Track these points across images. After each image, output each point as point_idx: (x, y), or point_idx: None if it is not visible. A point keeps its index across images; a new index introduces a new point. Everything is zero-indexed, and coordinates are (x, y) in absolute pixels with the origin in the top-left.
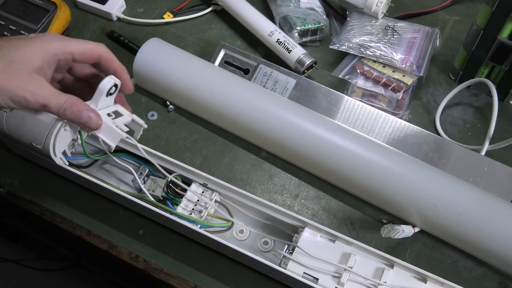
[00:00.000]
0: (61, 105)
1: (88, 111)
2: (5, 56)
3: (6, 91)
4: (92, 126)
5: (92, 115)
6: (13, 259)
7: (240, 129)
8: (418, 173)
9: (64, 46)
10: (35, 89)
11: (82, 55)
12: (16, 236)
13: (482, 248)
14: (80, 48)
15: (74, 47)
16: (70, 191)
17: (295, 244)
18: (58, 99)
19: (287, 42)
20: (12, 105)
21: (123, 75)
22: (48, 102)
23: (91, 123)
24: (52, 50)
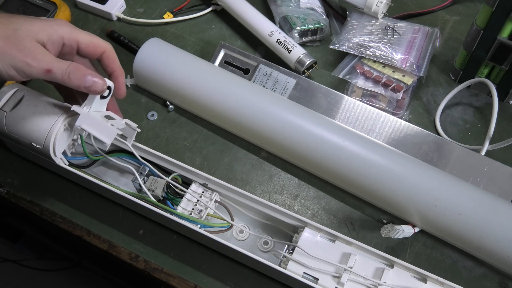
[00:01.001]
0: (64, 69)
1: (92, 76)
2: (11, 24)
3: (8, 56)
4: (97, 89)
5: (96, 79)
6: (13, 259)
7: (240, 129)
8: (418, 173)
9: (72, 33)
10: (38, 54)
11: (87, 46)
12: (16, 236)
13: (482, 248)
14: (86, 39)
15: (81, 37)
16: (70, 191)
17: (295, 244)
18: (61, 64)
19: (287, 42)
20: (13, 73)
21: (119, 77)
22: (52, 67)
23: (96, 87)
24: (60, 32)
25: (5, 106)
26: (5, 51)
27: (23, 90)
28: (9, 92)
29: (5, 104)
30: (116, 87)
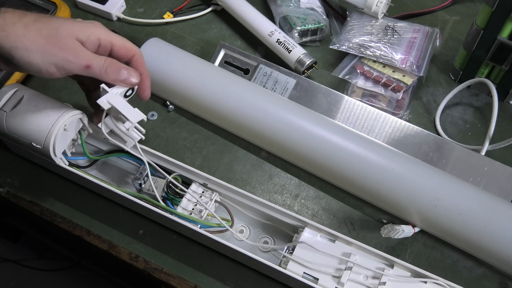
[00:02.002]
0: (102, 64)
1: (127, 69)
2: (52, 23)
3: (50, 54)
4: (132, 81)
5: (130, 71)
6: (13, 259)
7: (240, 129)
8: (418, 173)
9: (107, 35)
10: (78, 52)
11: (120, 49)
12: (16, 236)
13: (482, 248)
14: (120, 42)
15: (115, 39)
16: (70, 191)
17: (295, 244)
18: (99, 60)
19: (287, 42)
20: (53, 70)
21: (145, 80)
22: (91, 63)
23: (130, 79)
24: (97, 33)
25: (5, 106)
26: (47, 49)
27: (23, 90)
28: (9, 92)
29: (5, 104)
30: (142, 89)
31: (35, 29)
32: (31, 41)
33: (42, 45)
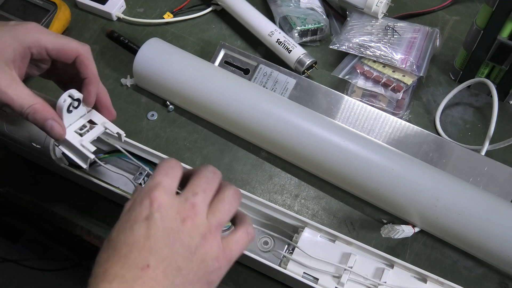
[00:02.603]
0: (24, 109)
1: (53, 120)
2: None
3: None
4: (55, 137)
5: (55, 125)
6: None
7: (240, 129)
8: (418, 173)
9: (39, 41)
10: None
11: (57, 52)
12: (16, 236)
13: (482, 248)
14: (55, 44)
15: (49, 42)
16: (70, 191)
17: (295, 244)
18: (22, 102)
19: (287, 42)
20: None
21: (88, 85)
22: (12, 103)
23: (53, 133)
24: (25, 42)
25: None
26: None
27: None
28: None
29: None
30: (85, 97)
31: None
32: None
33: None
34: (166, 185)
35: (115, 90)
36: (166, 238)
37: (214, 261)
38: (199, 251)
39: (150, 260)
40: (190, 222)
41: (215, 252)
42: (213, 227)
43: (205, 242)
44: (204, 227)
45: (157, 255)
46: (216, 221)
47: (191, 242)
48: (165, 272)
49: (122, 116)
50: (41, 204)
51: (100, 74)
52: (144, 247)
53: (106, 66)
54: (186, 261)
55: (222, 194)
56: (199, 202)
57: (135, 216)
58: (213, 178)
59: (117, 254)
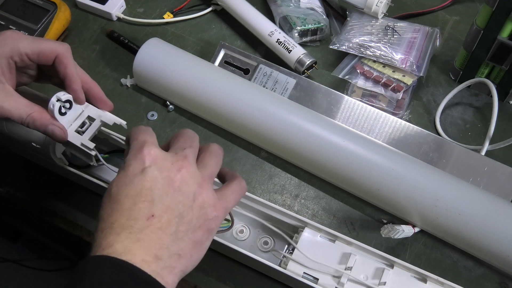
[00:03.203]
0: (24, 119)
1: (53, 125)
2: None
3: None
4: (58, 140)
5: (56, 129)
6: (13, 259)
7: (240, 129)
8: (418, 173)
9: (18, 48)
10: None
11: (37, 55)
12: (16, 236)
13: (482, 248)
14: (33, 48)
15: (27, 48)
16: (70, 191)
17: (295, 244)
18: (20, 112)
19: (287, 42)
20: None
21: (71, 84)
22: (11, 115)
23: (56, 137)
24: (5, 53)
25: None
26: None
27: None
28: None
29: None
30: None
31: None
32: None
33: None
34: (152, 141)
35: (115, 90)
36: (165, 187)
37: (212, 209)
38: (197, 199)
39: (154, 210)
40: (185, 171)
41: (212, 200)
42: (206, 177)
43: (202, 190)
44: (198, 177)
45: (160, 204)
46: (208, 172)
47: (189, 190)
48: (169, 220)
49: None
50: (41, 204)
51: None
52: (146, 198)
53: (106, 66)
54: (187, 209)
55: (209, 149)
56: (189, 154)
57: (132, 171)
58: (194, 137)
59: (120, 207)
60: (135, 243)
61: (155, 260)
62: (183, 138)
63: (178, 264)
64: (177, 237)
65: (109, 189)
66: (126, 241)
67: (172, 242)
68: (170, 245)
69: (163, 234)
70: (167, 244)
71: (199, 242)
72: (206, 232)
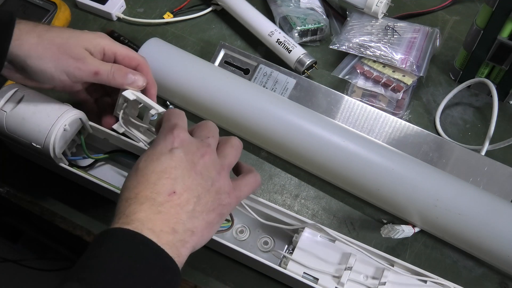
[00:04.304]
0: (109, 70)
1: (133, 74)
2: (63, 33)
3: (62, 62)
4: (139, 84)
5: (137, 76)
6: (13, 259)
7: (240, 129)
8: (418, 173)
9: (111, 45)
10: (87, 60)
11: (123, 58)
12: (16, 236)
13: (482, 248)
14: (123, 52)
15: (119, 49)
16: (70, 191)
17: (295, 244)
18: (106, 66)
19: (287, 42)
20: (65, 78)
21: (151, 89)
22: (99, 69)
23: (137, 82)
24: (102, 43)
25: (5, 106)
26: (59, 57)
27: (23, 90)
28: (9, 92)
29: (5, 104)
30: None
31: (48, 38)
32: (44, 50)
33: (54, 54)
34: (183, 125)
35: None
36: (189, 169)
37: (226, 196)
38: (215, 184)
39: (176, 188)
40: (208, 157)
41: (228, 187)
42: (225, 166)
43: (220, 177)
44: (218, 165)
45: (182, 183)
46: (227, 162)
47: (209, 175)
48: (188, 199)
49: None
50: (41, 204)
51: None
52: (171, 176)
53: None
54: (204, 191)
55: (228, 141)
56: (212, 143)
57: (160, 149)
58: (215, 128)
59: (145, 181)
60: (155, 215)
61: (172, 232)
62: (207, 129)
63: (191, 240)
64: (193, 216)
65: (137, 163)
66: (148, 211)
67: (188, 219)
68: (186, 221)
69: (181, 210)
70: (183, 220)
71: (210, 223)
72: (218, 216)
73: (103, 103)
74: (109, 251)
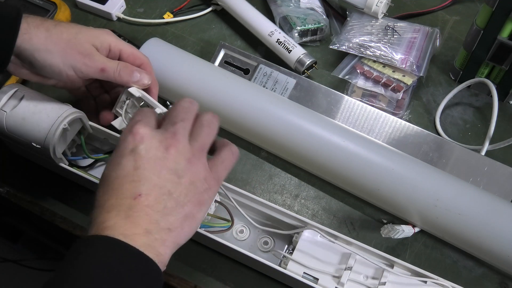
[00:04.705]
0: (115, 67)
1: (139, 71)
2: (71, 28)
3: (69, 57)
4: (144, 82)
5: (142, 73)
6: (13, 259)
7: (240, 129)
8: (418, 173)
9: (117, 42)
10: (94, 56)
11: (128, 56)
12: (16, 236)
13: (482, 248)
14: (128, 50)
15: (124, 47)
16: (70, 191)
17: (295, 244)
18: (112, 63)
19: (287, 42)
20: (72, 73)
21: (152, 89)
22: (106, 66)
23: (143, 80)
24: (108, 40)
25: (5, 106)
26: (67, 52)
27: (23, 90)
28: (9, 92)
29: (5, 104)
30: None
31: (56, 33)
32: (52, 44)
33: (62, 48)
34: (145, 120)
35: None
36: (153, 166)
37: (203, 182)
38: (186, 175)
39: (141, 189)
40: (173, 149)
41: (202, 173)
42: (196, 151)
43: (191, 165)
44: (187, 152)
45: (147, 183)
46: (199, 145)
47: (177, 167)
48: (157, 198)
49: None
50: (41, 204)
51: None
52: (133, 178)
53: None
54: (175, 185)
55: (200, 119)
56: (179, 130)
57: (121, 151)
58: (189, 107)
59: (110, 188)
60: (124, 220)
61: (145, 233)
62: (176, 111)
63: (169, 237)
64: (166, 213)
65: (103, 170)
66: (116, 218)
67: (161, 217)
68: (159, 220)
69: (150, 211)
70: (156, 220)
71: (189, 215)
72: (197, 205)
73: (101, 101)
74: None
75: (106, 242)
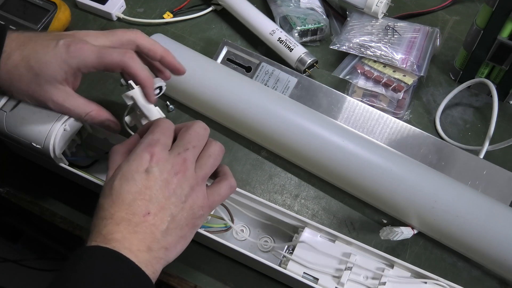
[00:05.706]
0: (82, 117)
1: (108, 121)
2: (32, 68)
3: (34, 99)
4: (113, 132)
5: (111, 123)
6: (13, 259)
7: (240, 127)
8: (416, 175)
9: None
10: (58, 99)
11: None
12: (16, 236)
13: (478, 251)
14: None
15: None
16: (70, 191)
17: (295, 244)
18: (79, 111)
19: (288, 41)
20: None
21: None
22: (71, 114)
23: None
24: (73, 64)
25: (5, 106)
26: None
27: None
28: None
29: (5, 104)
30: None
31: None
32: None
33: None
34: (164, 142)
35: (115, 90)
36: (163, 189)
37: (200, 209)
38: (188, 201)
39: (151, 208)
40: (181, 175)
41: (201, 201)
42: (200, 179)
43: (193, 192)
44: (192, 180)
45: (156, 203)
46: (203, 174)
47: (182, 192)
48: (162, 218)
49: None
50: (41, 204)
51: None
52: (145, 197)
53: None
54: (178, 209)
55: (209, 150)
56: (189, 157)
57: (136, 168)
58: (203, 134)
59: (121, 201)
60: (132, 234)
61: (148, 250)
62: (190, 136)
63: (164, 256)
64: (167, 233)
65: (111, 180)
66: (125, 231)
67: (162, 237)
68: (160, 239)
69: (155, 229)
70: (158, 238)
71: (184, 237)
72: (192, 228)
73: None
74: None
75: (112, 256)
